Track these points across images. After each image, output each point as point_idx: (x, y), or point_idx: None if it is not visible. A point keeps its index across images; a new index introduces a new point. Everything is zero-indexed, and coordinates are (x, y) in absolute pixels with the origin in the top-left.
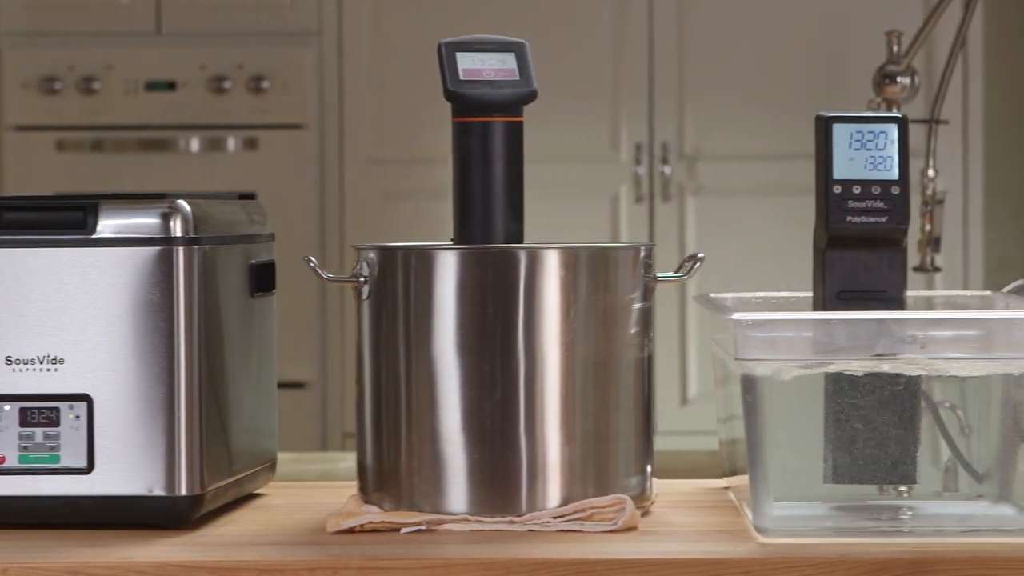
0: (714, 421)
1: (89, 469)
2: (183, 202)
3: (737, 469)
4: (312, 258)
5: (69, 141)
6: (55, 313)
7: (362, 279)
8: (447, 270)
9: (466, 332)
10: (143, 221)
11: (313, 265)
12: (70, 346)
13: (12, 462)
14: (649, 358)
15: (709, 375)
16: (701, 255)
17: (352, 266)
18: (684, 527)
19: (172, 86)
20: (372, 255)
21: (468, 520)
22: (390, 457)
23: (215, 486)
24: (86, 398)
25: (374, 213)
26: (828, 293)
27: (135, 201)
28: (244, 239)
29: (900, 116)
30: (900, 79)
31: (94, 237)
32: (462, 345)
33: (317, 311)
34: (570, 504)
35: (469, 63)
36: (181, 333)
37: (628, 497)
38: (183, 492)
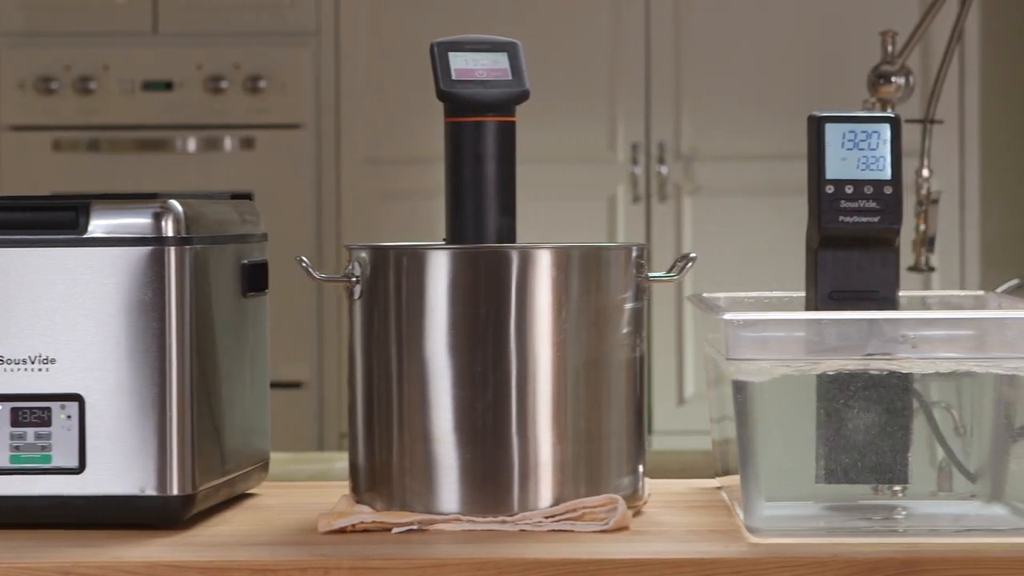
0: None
1: (80, 469)
2: (175, 202)
3: (729, 469)
4: (304, 258)
5: (65, 141)
6: (47, 313)
7: (354, 279)
8: (439, 270)
9: (458, 332)
10: (135, 221)
11: (305, 265)
12: (62, 346)
13: (3, 462)
14: (641, 358)
15: (705, 375)
16: (693, 255)
17: (344, 266)
18: (676, 527)
19: (169, 86)
20: (364, 255)
21: (460, 520)
22: (382, 457)
23: (207, 486)
24: (78, 398)
25: (371, 213)
26: (820, 293)
27: (127, 201)
28: (236, 239)
29: (892, 116)
30: (895, 79)
31: (86, 237)
32: (454, 345)
33: (314, 311)
34: (562, 504)
35: (461, 63)
36: (173, 333)
37: (620, 497)
38: (175, 492)
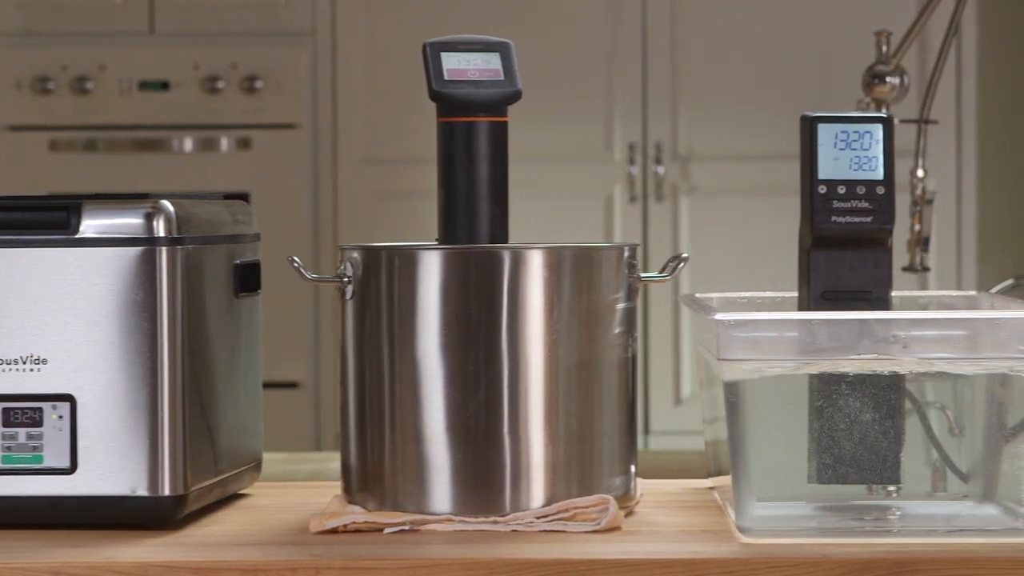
0: None
1: (72, 469)
2: (166, 202)
3: (721, 469)
4: (296, 258)
5: (62, 141)
6: (38, 313)
7: (346, 279)
8: (431, 270)
9: (450, 332)
10: (126, 221)
11: (297, 265)
12: (53, 346)
13: None
14: (633, 358)
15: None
16: (685, 255)
17: (336, 266)
18: (667, 527)
19: (165, 86)
20: (356, 255)
21: (452, 520)
22: (374, 457)
23: (199, 486)
24: (69, 398)
25: (367, 213)
26: (813, 293)
27: (118, 201)
28: (228, 239)
29: (885, 116)
30: (889, 79)
31: (77, 237)
32: (446, 345)
33: (310, 311)
34: (553, 504)
35: (454, 63)
36: (164, 333)
37: (611, 497)
38: (166, 492)
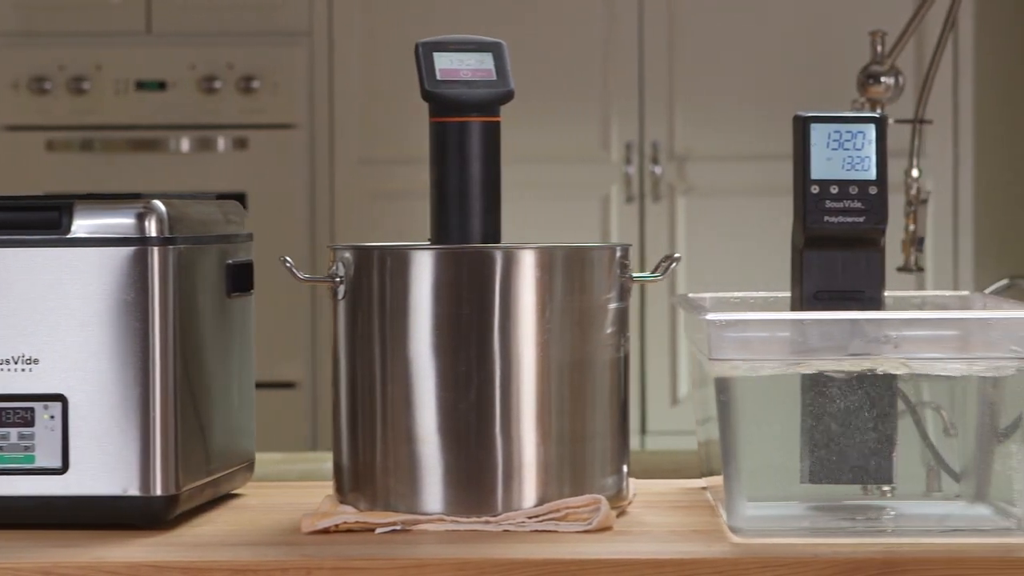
0: None
1: (64, 469)
2: (158, 202)
3: (713, 469)
4: (288, 258)
5: (59, 141)
6: (30, 313)
7: (338, 279)
8: (422, 270)
9: (441, 332)
10: (118, 221)
11: (289, 265)
12: (45, 346)
13: None
14: (625, 358)
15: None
16: (677, 255)
17: (328, 266)
18: (659, 527)
19: (162, 86)
20: (347, 255)
21: (443, 520)
22: (365, 457)
23: (191, 486)
24: (61, 398)
25: (364, 213)
26: (806, 293)
27: (110, 201)
28: (221, 239)
29: (878, 116)
30: (884, 79)
31: (69, 237)
32: (437, 345)
33: (307, 311)
34: (545, 504)
35: (446, 63)
36: (156, 333)
37: (603, 497)
38: (158, 492)
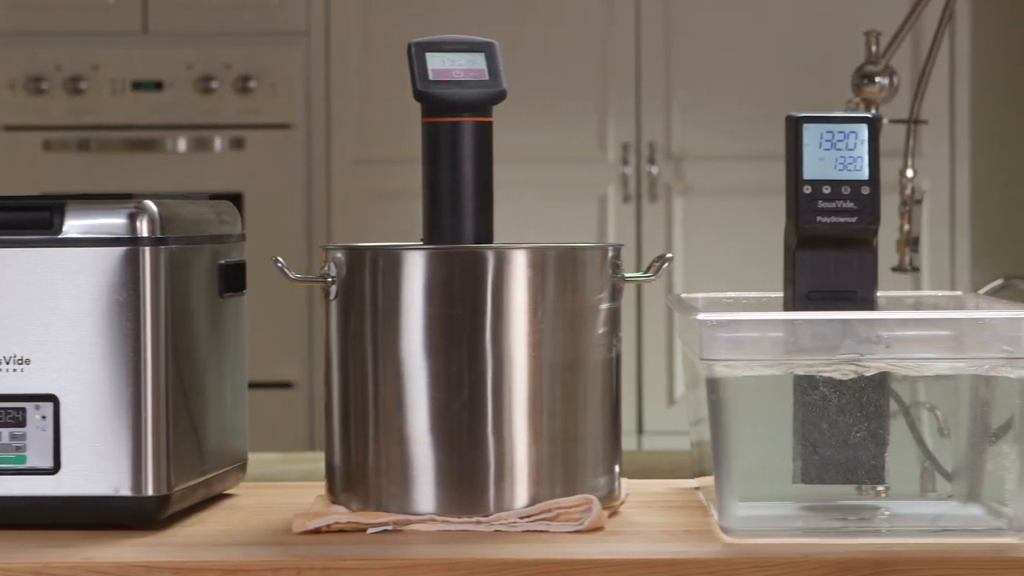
0: None
1: (55, 469)
2: (149, 202)
3: (706, 470)
4: (279, 258)
5: (56, 141)
6: (21, 313)
7: (330, 279)
8: (414, 270)
9: (433, 332)
10: (109, 221)
11: (280, 265)
12: (36, 346)
13: None
14: (617, 358)
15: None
16: (669, 255)
17: (321, 266)
18: (651, 527)
19: (159, 86)
20: (339, 255)
21: (435, 520)
22: (357, 457)
23: (183, 486)
24: (52, 398)
25: (361, 213)
26: (798, 293)
27: (101, 201)
28: (213, 239)
29: (870, 116)
30: (878, 79)
31: (60, 237)
32: (429, 345)
33: (304, 311)
34: (537, 504)
35: (439, 63)
36: (148, 334)
37: (595, 497)
38: (150, 492)
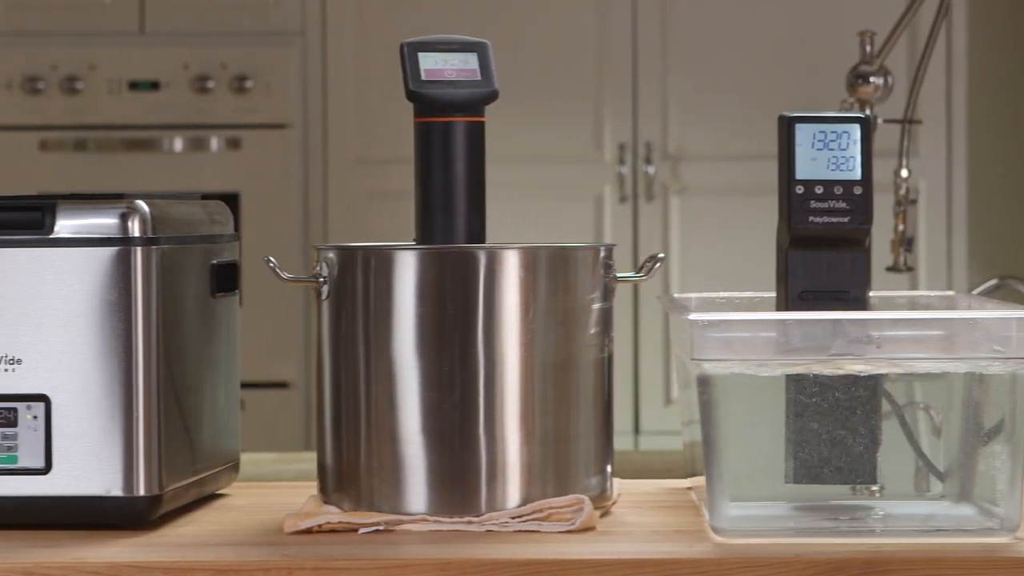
0: None
1: (47, 469)
2: (141, 202)
3: (698, 470)
4: (271, 258)
5: (52, 141)
6: (13, 313)
7: (321, 279)
8: (406, 270)
9: (425, 332)
10: (101, 221)
11: (272, 265)
12: (27, 346)
13: None
14: (610, 358)
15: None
16: (661, 255)
17: (312, 266)
18: (642, 527)
19: (155, 86)
20: (331, 255)
21: (426, 520)
22: (349, 457)
23: (174, 486)
24: (44, 398)
25: (358, 213)
26: (791, 293)
27: (93, 201)
28: (205, 239)
29: (863, 116)
30: (873, 79)
31: (52, 237)
32: (421, 345)
33: (300, 312)
34: (528, 504)
35: (431, 63)
36: (139, 334)
37: (586, 497)
38: (141, 492)
